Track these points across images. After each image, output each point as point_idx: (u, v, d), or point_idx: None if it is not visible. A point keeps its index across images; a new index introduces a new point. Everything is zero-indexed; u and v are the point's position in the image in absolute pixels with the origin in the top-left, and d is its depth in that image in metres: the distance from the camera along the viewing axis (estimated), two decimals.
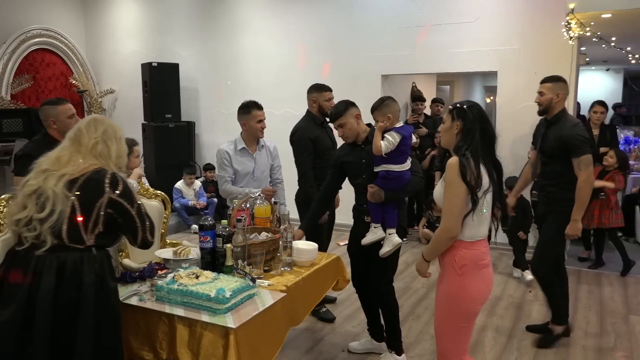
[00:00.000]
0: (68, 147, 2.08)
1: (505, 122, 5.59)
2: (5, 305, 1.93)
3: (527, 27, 5.52)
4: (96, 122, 2.14)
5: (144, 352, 2.24)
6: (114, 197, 1.99)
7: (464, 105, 2.24)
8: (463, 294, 2.21)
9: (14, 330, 1.90)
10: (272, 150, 3.80)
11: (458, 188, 2.13)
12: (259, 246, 2.59)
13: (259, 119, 3.59)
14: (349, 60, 6.48)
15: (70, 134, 2.13)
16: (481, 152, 2.17)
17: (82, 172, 2.00)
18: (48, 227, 1.93)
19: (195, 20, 7.58)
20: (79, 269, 1.96)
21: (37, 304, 1.90)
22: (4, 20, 7.20)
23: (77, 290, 1.95)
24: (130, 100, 8.16)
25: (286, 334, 2.47)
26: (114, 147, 2.11)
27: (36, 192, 1.97)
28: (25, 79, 7.41)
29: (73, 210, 1.95)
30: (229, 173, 3.61)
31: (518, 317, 4.06)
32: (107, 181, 1.99)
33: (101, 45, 8.41)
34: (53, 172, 1.99)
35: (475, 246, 2.22)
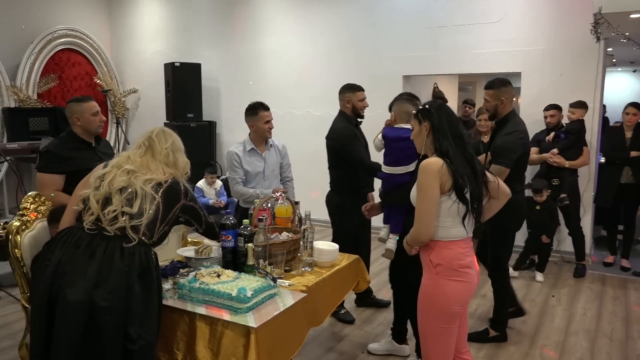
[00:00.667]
0: (144, 153, 2.25)
1: (528, 125, 5.47)
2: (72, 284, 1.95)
3: (552, 28, 5.43)
4: (165, 133, 2.34)
5: (160, 353, 2.25)
6: (186, 202, 2.26)
7: (426, 105, 2.24)
8: (439, 292, 2.19)
9: (84, 308, 1.93)
10: (280, 149, 3.82)
11: (430, 191, 2.11)
12: (280, 246, 2.59)
13: (266, 119, 3.62)
14: (370, 60, 6.46)
15: (142, 142, 2.29)
16: (451, 150, 2.14)
17: (165, 179, 2.20)
18: (135, 223, 2.07)
19: (217, 21, 7.64)
20: (144, 262, 2.06)
21: (110, 284, 1.95)
22: (32, 20, 7.34)
23: (142, 281, 2.04)
24: (152, 100, 8.26)
25: (306, 334, 2.47)
26: (181, 159, 2.32)
27: (126, 189, 2.12)
28: (51, 78, 7.54)
29: (157, 210, 2.12)
30: (239, 174, 3.65)
31: (541, 322, 3.99)
32: (182, 190, 2.24)
33: (125, 45, 8.53)
34: (139, 174, 2.16)
35: (450, 246, 2.18)
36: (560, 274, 5.07)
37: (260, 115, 3.61)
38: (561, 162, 4.93)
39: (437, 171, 2.11)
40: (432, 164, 2.13)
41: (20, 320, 3.51)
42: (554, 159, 4.93)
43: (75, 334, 1.93)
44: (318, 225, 3.80)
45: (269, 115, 3.66)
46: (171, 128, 7.09)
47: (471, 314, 4.10)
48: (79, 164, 3.12)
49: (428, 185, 2.11)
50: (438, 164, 2.12)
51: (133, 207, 2.08)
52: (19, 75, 7.12)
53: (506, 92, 3.33)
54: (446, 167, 2.11)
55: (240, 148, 3.69)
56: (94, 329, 1.94)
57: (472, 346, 3.55)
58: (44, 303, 1.99)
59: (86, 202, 2.14)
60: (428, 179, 2.11)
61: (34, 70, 7.29)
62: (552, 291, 4.63)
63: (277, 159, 3.79)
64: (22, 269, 2.53)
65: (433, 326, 2.23)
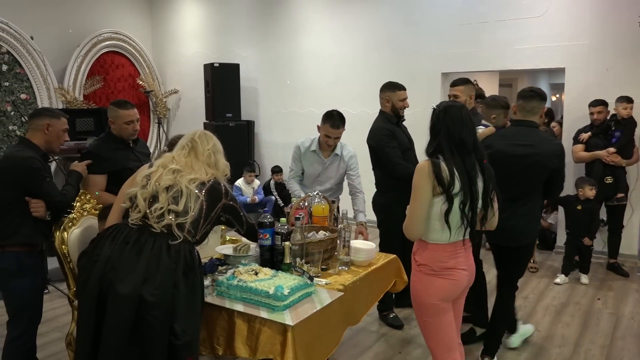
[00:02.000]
0: (188, 154, 2.31)
1: (573, 121, 5.34)
2: (121, 279, 2.01)
3: (598, 21, 5.25)
4: (207, 135, 2.40)
5: (201, 347, 2.29)
6: (227, 202, 2.30)
7: (439, 105, 2.24)
8: (422, 288, 2.25)
9: (134, 301, 1.98)
10: (346, 160, 3.67)
11: (423, 192, 2.13)
12: (317, 245, 2.60)
13: (326, 133, 3.52)
14: (408, 58, 6.39)
15: (184, 143, 2.34)
16: (447, 153, 2.13)
17: (208, 179, 2.24)
18: (181, 221, 2.12)
19: (255, 21, 7.72)
20: (188, 259, 2.11)
21: (158, 280, 2.01)
22: (78, 24, 7.60)
23: (187, 277, 2.09)
24: (192, 100, 8.42)
25: (343, 333, 2.47)
26: (221, 161, 2.37)
27: (172, 187, 2.17)
28: (96, 80, 7.79)
29: (201, 209, 2.17)
30: (296, 167, 3.66)
31: (586, 325, 3.87)
32: (223, 190, 2.29)
33: (166, 47, 8.72)
34: (184, 173, 2.21)
35: (435, 249, 2.22)
36: (607, 276, 4.90)
37: (325, 126, 3.51)
38: (619, 161, 4.76)
39: (427, 173, 2.12)
40: (422, 165, 2.16)
41: (67, 314, 3.63)
42: (612, 157, 4.76)
43: (125, 327, 1.99)
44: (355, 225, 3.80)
45: (334, 132, 3.51)
46: (210, 128, 7.21)
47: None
48: (118, 164, 3.23)
49: (419, 186, 2.14)
50: (426, 165, 2.14)
51: (179, 205, 2.13)
52: (66, 78, 7.39)
53: (472, 90, 3.55)
54: (435, 170, 2.10)
55: (306, 144, 3.66)
56: (143, 323, 1.99)
57: (511, 348, 3.47)
58: (94, 297, 2.04)
59: (133, 199, 2.20)
60: (419, 180, 2.14)
61: (80, 72, 7.54)
62: (597, 293, 4.48)
63: (339, 168, 3.68)
64: (69, 265, 2.63)
65: (424, 320, 2.31)
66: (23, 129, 6.75)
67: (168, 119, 8.86)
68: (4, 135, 6.63)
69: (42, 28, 7.06)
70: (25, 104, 6.86)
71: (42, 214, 2.66)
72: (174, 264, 2.05)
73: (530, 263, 5.15)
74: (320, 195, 3.03)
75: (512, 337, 3.47)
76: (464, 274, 2.25)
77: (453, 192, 2.10)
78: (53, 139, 2.80)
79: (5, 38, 6.55)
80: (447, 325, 2.27)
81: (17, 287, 2.65)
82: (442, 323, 2.26)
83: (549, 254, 5.65)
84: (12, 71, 6.73)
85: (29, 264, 2.67)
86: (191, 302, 2.09)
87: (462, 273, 2.24)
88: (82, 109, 7.38)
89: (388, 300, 3.77)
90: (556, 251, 5.61)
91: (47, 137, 2.78)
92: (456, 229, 2.17)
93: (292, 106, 7.54)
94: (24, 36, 6.71)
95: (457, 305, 2.39)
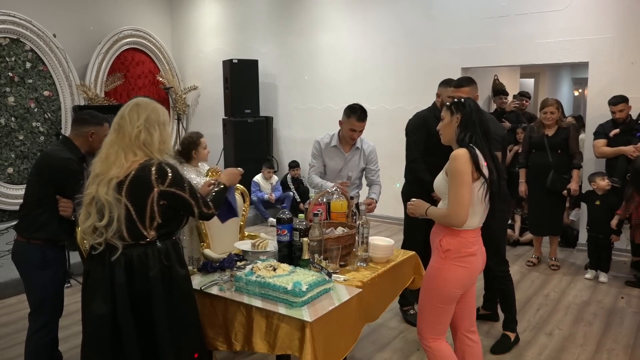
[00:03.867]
0: (114, 140, 2.06)
1: (596, 117, 5.23)
2: (92, 298, 2.06)
3: (622, 14, 5.13)
4: (139, 107, 2.09)
5: (219, 343, 2.31)
6: (163, 188, 2.03)
7: (461, 99, 2.37)
8: (441, 275, 2.33)
9: (107, 322, 2.02)
10: (367, 154, 3.66)
11: (467, 177, 2.21)
12: (335, 241, 2.59)
13: (352, 127, 3.48)
14: (427, 53, 6.33)
15: (114, 124, 2.09)
16: (482, 143, 2.29)
17: (126, 173, 2.01)
18: (112, 234, 2.00)
19: (274, 18, 7.72)
20: (144, 264, 2.04)
21: (116, 297, 2.01)
22: (100, 22, 7.70)
23: (146, 282, 2.05)
24: (211, 96, 8.47)
25: (361, 329, 2.46)
26: (157, 134, 2.08)
27: (94, 200, 2.02)
28: (117, 77, 7.88)
29: (128, 211, 2.00)
30: (317, 163, 3.63)
31: (608, 324, 3.80)
32: (153, 176, 2.01)
33: (185, 43, 8.78)
34: (103, 177, 2.02)
35: (462, 234, 2.29)
36: (630, 274, 4.80)
37: (350, 120, 3.48)
38: None
39: (469, 159, 2.22)
40: (462, 152, 2.24)
41: None
42: (638, 153, 4.65)
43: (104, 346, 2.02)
44: (374, 221, 3.78)
45: (359, 126, 3.48)
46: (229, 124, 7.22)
47: (533, 314, 3.97)
48: None
49: (463, 171, 2.21)
50: (466, 152, 2.24)
51: (104, 219, 1.98)
52: (87, 75, 7.49)
53: (476, 89, 3.31)
54: (472, 158, 2.22)
55: (326, 140, 3.65)
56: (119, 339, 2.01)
57: (534, 347, 3.43)
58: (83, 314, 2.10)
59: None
60: (462, 165, 2.21)
61: (101, 69, 7.65)
62: (621, 292, 4.40)
63: (360, 162, 3.67)
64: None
65: (432, 304, 2.39)
66: (46, 126, 6.88)
67: (187, 115, 8.93)
68: (27, 132, 6.76)
69: (64, 26, 7.16)
70: (48, 101, 6.98)
71: (69, 214, 2.71)
72: (123, 278, 2.01)
73: (552, 260, 5.08)
74: (339, 191, 3.02)
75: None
76: (480, 259, 2.39)
77: (484, 179, 2.25)
78: (96, 145, 2.75)
79: (29, 36, 6.66)
80: (450, 313, 2.41)
81: (39, 280, 2.71)
82: (449, 310, 2.39)
83: (571, 252, 5.57)
84: (35, 68, 6.85)
85: (52, 257, 2.73)
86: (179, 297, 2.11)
87: (479, 258, 2.37)
88: (104, 105, 7.48)
89: (409, 295, 3.75)
90: (578, 248, 5.52)
91: (90, 144, 2.80)
92: (481, 215, 2.33)
93: (310, 102, 7.53)
94: (46, 34, 6.82)
95: (471, 293, 2.49)
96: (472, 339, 2.52)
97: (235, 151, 7.34)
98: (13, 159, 6.62)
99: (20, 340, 3.51)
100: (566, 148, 4.84)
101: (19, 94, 6.66)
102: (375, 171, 3.69)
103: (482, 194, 2.27)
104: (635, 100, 4.85)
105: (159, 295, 2.05)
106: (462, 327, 2.51)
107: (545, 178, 4.84)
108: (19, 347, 3.42)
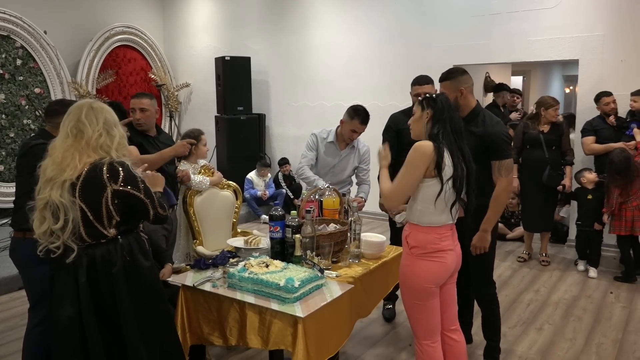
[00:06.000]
0: (72, 144, 2.04)
1: (586, 114, 5.28)
2: (59, 302, 2.05)
3: (612, 12, 5.18)
4: (95, 111, 2.09)
5: (214, 338, 2.33)
6: (117, 187, 2.02)
7: (433, 95, 2.35)
8: (411, 271, 2.33)
9: (75, 324, 2.02)
10: (362, 153, 3.73)
11: (416, 170, 2.21)
12: (327, 237, 2.61)
13: (353, 128, 3.54)
14: (419, 50, 6.36)
15: (70, 128, 2.06)
16: (451, 139, 2.26)
17: (78, 174, 2.00)
18: (69, 235, 2.00)
19: (266, 15, 7.72)
20: (107, 261, 2.05)
21: (80, 298, 2.01)
22: (91, 19, 7.66)
23: (110, 281, 2.05)
24: (204, 94, 8.46)
25: (353, 325, 2.49)
26: (116, 135, 2.10)
27: (47, 204, 2.01)
28: (109, 74, 7.84)
29: (83, 212, 2.00)
30: (310, 155, 3.65)
31: (597, 319, 3.85)
32: (105, 175, 2.00)
33: (178, 40, 8.75)
34: (56, 180, 2.00)
35: (428, 231, 2.29)
36: (619, 270, 4.85)
37: (353, 122, 3.53)
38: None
39: (429, 154, 2.20)
40: (425, 146, 2.22)
41: None
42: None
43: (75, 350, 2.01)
44: (366, 218, 3.81)
45: (361, 128, 3.55)
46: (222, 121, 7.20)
47: (523, 309, 4.01)
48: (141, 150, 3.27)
49: (416, 164, 2.21)
50: (430, 147, 2.22)
51: (59, 221, 1.98)
52: (79, 72, 7.45)
53: (464, 82, 2.91)
54: (436, 153, 2.21)
55: (324, 135, 3.68)
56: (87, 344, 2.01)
57: (524, 342, 3.47)
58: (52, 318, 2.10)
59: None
60: (418, 158, 2.21)
61: (93, 66, 7.60)
62: (610, 287, 4.45)
63: (354, 161, 3.72)
64: None
65: (411, 302, 2.37)
66: (37, 123, 6.83)
67: (180, 113, 8.90)
68: (18, 129, 6.71)
69: (55, 22, 7.12)
70: (40, 98, 6.94)
71: None
72: (84, 278, 2.01)
73: (542, 256, 5.13)
74: (331, 189, 3.04)
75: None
76: (452, 255, 2.35)
77: (446, 175, 2.22)
78: None
79: (19, 33, 6.61)
80: (434, 309, 2.37)
81: (38, 274, 2.64)
82: (429, 306, 2.35)
83: (561, 247, 5.62)
84: (26, 65, 6.80)
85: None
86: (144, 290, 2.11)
87: (450, 254, 2.34)
88: None
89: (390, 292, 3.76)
90: (568, 244, 5.57)
91: None
92: (447, 212, 2.30)
93: (303, 99, 7.54)
94: (37, 31, 6.77)
95: (449, 291, 2.46)
96: (454, 337, 2.49)
97: (227, 148, 7.34)
98: (4, 157, 6.58)
99: (12, 339, 3.51)
100: (559, 145, 4.89)
101: (9, 91, 6.61)
102: (367, 171, 3.75)
103: (449, 190, 2.23)
104: (625, 97, 4.90)
105: (124, 292, 2.04)
106: (442, 325, 2.45)
107: (540, 174, 4.86)
108: (10, 346, 3.41)
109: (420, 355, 2.39)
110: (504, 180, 2.74)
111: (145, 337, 2.08)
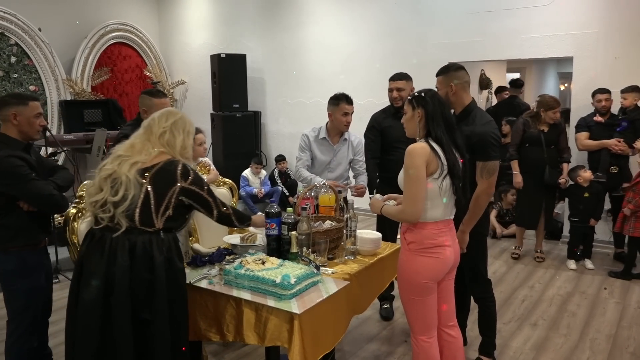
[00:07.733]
0: (141, 134, 2.22)
1: (581, 111, 5.31)
2: (87, 283, 2.07)
3: (607, 10, 5.20)
4: (169, 113, 2.28)
5: (212, 334, 2.33)
6: (185, 185, 2.13)
7: (422, 93, 2.33)
8: (409, 266, 2.35)
9: (97, 307, 2.04)
10: (355, 145, 3.74)
11: (420, 172, 2.21)
12: (323, 234, 2.62)
13: (344, 111, 3.54)
14: (415, 48, 6.37)
15: (145, 122, 2.27)
16: (444, 136, 2.27)
17: (153, 162, 2.13)
18: (122, 211, 2.05)
19: (261, 11, 7.71)
20: (148, 251, 2.09)
21: (115, 280, 2.03)
22: (86, 16, 7.63)
23: (149, 270, 2.08)
24: (199, 91, 8.44)
25: (349, 321, 2.50)
26: (180, 138, 2.22)
27: (111, 176, 2.10)
28: (104, 71, 7.82)
29: (147, 195, 2.07)
30: (305, 157, 3.66)
31: (591, 314, 3.88)
32: (178, 172, 2.13)
33: (173, 38, 8.73)
34: (127, 158, 2.11)
35: (425, 227, 2.30)
36: (613, 266, 4.89)
37: (340, 106, 3.54)
38: (626, 150, 4.74)
39: (426, 154, 2.22)
40: (420, 147, 2.24)
41: None
42: (620, 146, 4.73)
43: (93, 332, 2.03)
44: (362, 214, 3.82)
45: (350, 108, 3.56)
46: (217, 119, 7.20)
47: (518, 305, 4.04)
48: None
49: (418, 167, 2.21)
50: (425, 148, 2.23)
51: (118, 194, 2.04)
52: (74, 69, 7.42)
53: (457, 78, 2.86)
54: (431, 151, 2.22)
55: (314, 134, 3.68)
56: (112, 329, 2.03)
57: (518, 337, 3.50)
58: (71, 304, 2.13)
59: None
60: (417, 161, 2.21)
61: (88, 64, 7.58)
62: (603, 283, 4.49)
63: (348, 154, 3.73)
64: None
65: (408, 297, 2.39)
66: None
67: None
68: None
69: (50, 20, 7.09)
70: (34, 96, 6.91)
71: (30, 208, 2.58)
72: (127, 261, 2.03)
73: (537, 253, 5.15)
74: (327, 186, 3.04)
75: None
76: (450, 251, 2.36)
77: (442, 171, 2.25)
78: (25, 128, 2.60)
79: (14, 30, 6.59)
80: (431, 305, 2.39)
81: (20, 288, 2.59)
82: (426, 302, 2.37)
83: (556, 244, 5.65)
84: (21, 63, 6.78)
85: (34, 263, 2.63)
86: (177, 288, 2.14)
87: (448, 249, 2.35)
88: (90, 100, 7.43)
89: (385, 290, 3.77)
90: (562, 241, 5.61)
91: (18, 127, 2.58)
92: (444, 207, 2.31)
93: (298, 96, 7.54)
94: (32, 28, 6.75)
95: (447, 287, 2.48)
96: (451, 334, 2.50)
97: (223, 146, 7.33)
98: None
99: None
100: (557, 143, 4.91)
101: (4, 88, 6.59)
102: (362, 162, 3.76)
103: (445, 186, 2.26)
104: (619, 94, 4.92)
105: (162, 285, 2.08)
106: (439, 321, 2.46)
107: (539, 173, 4.87)
108: None
109: (416, 350, 2.41)
110: (485, 182, 2.69)
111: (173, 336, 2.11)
